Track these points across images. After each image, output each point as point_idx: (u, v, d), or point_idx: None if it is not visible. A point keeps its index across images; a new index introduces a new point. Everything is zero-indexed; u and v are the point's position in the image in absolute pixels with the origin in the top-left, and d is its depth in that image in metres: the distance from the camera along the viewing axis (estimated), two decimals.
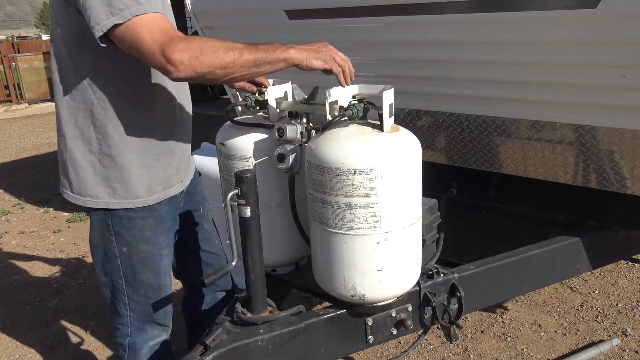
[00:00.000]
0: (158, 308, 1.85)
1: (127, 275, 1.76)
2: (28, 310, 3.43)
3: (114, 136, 1.62)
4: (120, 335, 1.87)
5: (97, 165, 1.64)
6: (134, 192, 1.68)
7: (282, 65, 1.51)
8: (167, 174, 1.75)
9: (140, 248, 1.74)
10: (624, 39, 1.79)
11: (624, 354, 2.61)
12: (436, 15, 2.16)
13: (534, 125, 2.20)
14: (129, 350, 1.86)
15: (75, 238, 4.55)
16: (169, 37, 1.38)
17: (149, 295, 1.81)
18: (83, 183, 1.66)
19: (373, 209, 1.53)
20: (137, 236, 1.72)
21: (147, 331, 1.86)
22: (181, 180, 1.83)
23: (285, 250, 1.92)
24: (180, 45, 1.37)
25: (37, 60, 13.94)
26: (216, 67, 1.42)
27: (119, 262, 1.74)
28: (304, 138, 1.71)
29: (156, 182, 1.72)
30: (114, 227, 1.70)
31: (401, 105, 2.12)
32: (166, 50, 1.36)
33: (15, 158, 7.79)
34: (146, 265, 1.76)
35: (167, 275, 1.84)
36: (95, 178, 1.65)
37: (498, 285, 2.13)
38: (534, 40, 1.99)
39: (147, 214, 1.72)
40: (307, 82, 1.84)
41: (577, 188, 2.25)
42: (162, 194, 1.75)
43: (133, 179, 1.66)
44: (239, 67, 1.45)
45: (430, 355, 2.71)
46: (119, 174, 1.65)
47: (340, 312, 1.73)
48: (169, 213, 1.80)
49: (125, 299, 1.80)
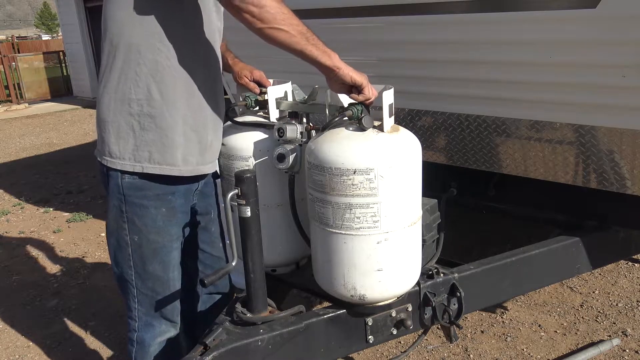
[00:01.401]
0: (165, 302, 1.85)
1: (137, 266, 1.76)
2: (28, 310, 3.43)
3: (156, 97, 1.61)
4: (130, 329, 1.88)
5: (137, 128, 1.63)
6: (171, 158, 1.66)
7: (325, 57, 1.52)
8: (201, 146, 1.73)
9: (152, 238, 1.73)
10: (624, 39, 1.79)
11: (624, 354, 2.61)
12: (436, 15, 2.16)
13: (534, 125, 2.20)
14: (136, 346, 1.87)
15: (75, 238, 4.55)
16: None
17: (157, 289, 1.81)
18: (121, 146, 1.65)
19: (373, 209, 1.53)
20: (149, 225, 1.72)
21: (154, 327, 1.86)
22: (212, 161, 1.81)
23: (285, 250, 1.92)
24: None
25: (37, 60, 13.97)
26: (275, 7, 1.46)
27: (129, 251, 1.75)
28: (304, 138, 1.71)
29: (192, 153, 1.71)
30: (127, 214, 1.70)
31: (401, 105, 2.12)
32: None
33: (15, 158, 7.79)
34: (156, 256, 1.76)
35: (176, 269, 1.84)
36: (134, 140, 1.63)
37: (498, 285, 2.13)
38: (534, 40, 1.99)
39: (161, 204, 1.71)
40: (308, 82, 1.84)
41: (577, 188, 2.25)
42: (196, 168, 1.73)
43: (171, 144, 1.65)
44: (293, 24, 1.48)
45: (430, 355, 2.71)
46: (157, 137, 1.63)
47: (340, 312, 1.73)
48: (183, 206, 1.79)
49: (134, 291, 1.80)
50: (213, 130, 1.77)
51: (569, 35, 1.90)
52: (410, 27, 2.29)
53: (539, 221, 2.71)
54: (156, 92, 1.61)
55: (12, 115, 11.96)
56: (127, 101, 1.61)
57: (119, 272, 1.81)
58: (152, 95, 1.61)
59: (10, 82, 13.45)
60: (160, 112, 1.62)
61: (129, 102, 1.61)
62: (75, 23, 12.39)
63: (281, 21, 1.47)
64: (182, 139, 1.67)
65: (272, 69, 2.86)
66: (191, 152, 1.70)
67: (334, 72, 1.55)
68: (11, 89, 13.48)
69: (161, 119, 1.62)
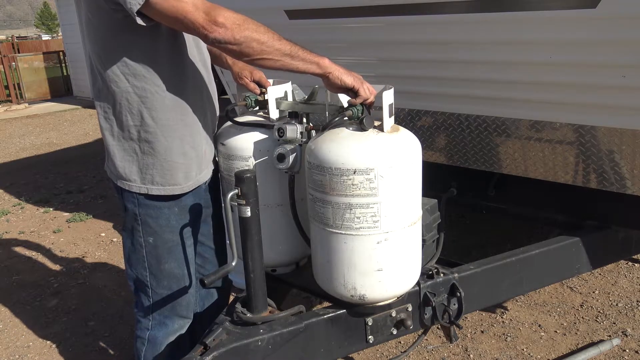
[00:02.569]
0: (181, 298, 1.87)
1: (152, 266, 1.80)
2: (28, 310, 3.43)
3: (150, 123, 1.65)
4: (140, 328, 1.90)
5: (139, 152, 1.68)
6: (172, 179, 1.71)
7: (313, 67, 1.58)
8: (199, 159, 1.77)
9: (167, 237, 1.77)
10: (624, 39, 1.79)
11: (624, 354, 2.61)
12: (436, 15, 2.16)
13: (534, 125, 2.20)
14: (147, 344, 1.89)
15: (75, 238, 4.55)
16: (212, 4, 1.47)
17: (172, 287, 1.84)
18: (124, 169, 1.71)
19: (373, 209, 1.53)
20: (164, 225, 1.75)
21: (167, 326, 1.89)
22: (207, 168, 1.84)
23: (285, 250, 1.92)
24: (226, 12, 1.46)
25: (37, 60, 13.96)
26: (253, 39, 1.49)
27: (144, 253, 1.79)
28: (304, 138, 1.71)
29: (192, 169, 1.75)
30: (141, 216, 1.74)
31: (401, 105, 2.12)
32: (211, 13, 1.44)
33: (15, 158, 7.79)
34: (171, 254, 1.80)
35: (191, 265, 1.88)
36: (134, 165, 1.69)
37: (498, 285, 2.13)
38: (534, 40, 1.99)
39: (174, 204, 1.75)
40: (308, 82, 1.84)
41: (577, 188, 2.25)
42: (195, 180, 1.77)
43: (172, 166, 1.70)
44: (274, 49, 1.52)
45: (430, 355, 2.71)
46: (157, 161, 1.69)
47: (340, 312, 1.73)
48: (194, 203, 1.82)
49: (149, 291, 1.84)
50: (206, 140, 1.81)
51: (569, 35, 1.90)
52: (410, 27, 2.28)
53: (539, 221, 2.71)
54: (149, 118, 1.65)
55: (12, 115, 11.95)
56: (127, 127, 1.66)
57: (133, 274, 1.84)
58: (146, 122, 1.65)
59: (10, 82, 13.44)
60: (156, 137, 1.67)
61: (128, 128, 1.66)
62: (75, 23, 12.35)
63: (261, 51, 1.51)
64: (181, 158, 1.72)
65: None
66: (191, 168, 1.75)
67: (325, 79, 1.60)
68: (11, 89, 13.47)
69: (158, 143, 1.67)
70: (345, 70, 1.60)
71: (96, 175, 6.32)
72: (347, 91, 1.61)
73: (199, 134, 1.76)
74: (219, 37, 1.46)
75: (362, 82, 1.61)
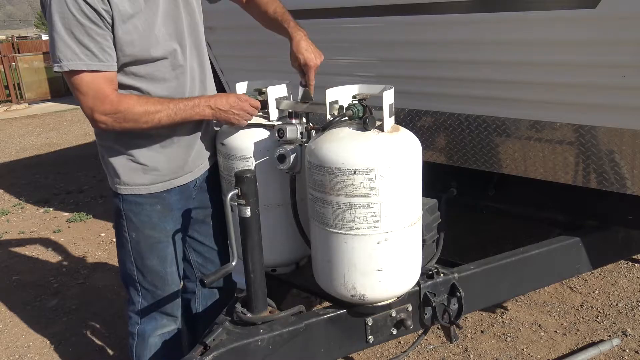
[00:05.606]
0: (165, 296, 1.90)
1: (137, 261, 1.85)
2: (28, 310, 3.43)
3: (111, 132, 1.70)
4: (131, 324, 1.94)
5: (106, 156, 1.78)
6: (137, 179, 1.77)
7: (197, 117, 1.71)
8: (172, 165, 1.80)
9: (148, 233, 1.81)
10: (624, 39, 1.79)
11: (624, 354, 2.61)
12: (436, 15, 2.16)
13: (534, 125, 2.20)
14: (137, 339, 1.93)
15: (75, 238, 4.55)
16: (100, 100, 1.57)
17: (156, 283, 1.88)
18: (107, 167, 1.82)
19: (373, 209, 1.53)
20: (145, 222, 1.80)
21: (156, 320, 1.92)
22: (190, 172, 1.86)
23: (286, 250, 1.92)
24: (108, 110, 1.58)
25: (37, 60, 13.95)
26: (135, 128, 1.64)
27: (129, 248, 1.84)
28: (304, 138, 1.71)
29: (160, 172, 1.79)
30: (125, 211, 1.80)
31: (401, 105, 2.12)
32: (94, 113, 1.58)
33: (16, 158, 7.79)
34: (152, 251, 1.83)
35: (173, 264, 1.91)
36: (110, 166, 1.78)
37: (498, 285, 2.13)
38: (534, 40, 1.99)
39: (156, 201, 1.80)
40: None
41: (577, 188, 2.25)
42: (168, 183, 1.81)
43: (135, 167, 1.75)
44: (156, 122, 1.64)
45: (430, 355, 2.71)
46: (124, 162, 1.76)
47: (340, 312, 1.73)
48: (179, 202, 1.85)
49: (137, 286, 1.89)
50: (185, 147, 1.82)
51: (569, 35, 1.90)
52: (410, 27, 2.28)
53: (539, 221, 2.71)
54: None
55: (12, 115, 11.95)
56: (99, 133, 1.76)
57: (123, 269, 1.89)
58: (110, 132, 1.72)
59: (10, 82, 13.44)
60: (122, 141, 1.74)
61: (100, 134, 1.77)
62: None
63: (144, 123, 1.62)
64: (147, 160, 1.76)
65: (272, 68, 2.86)
66: (160, 171, 1.79)
67: (216, 116, 1.71)
68: (11, 89, 13.47)
69: (124, 146, 1.75)
70: (224, 114, 1.71)
71: (96, 175, 6.31)
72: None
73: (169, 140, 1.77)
74: (106, 129, 1.63)
75: (238, 98, 1.72)
